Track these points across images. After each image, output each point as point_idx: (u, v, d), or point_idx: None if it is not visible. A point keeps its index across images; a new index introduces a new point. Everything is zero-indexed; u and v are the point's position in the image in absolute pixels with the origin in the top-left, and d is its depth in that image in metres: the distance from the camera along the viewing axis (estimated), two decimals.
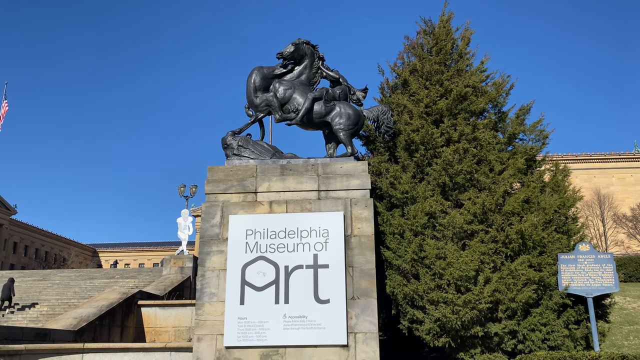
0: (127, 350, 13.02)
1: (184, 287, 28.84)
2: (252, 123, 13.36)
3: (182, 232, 34.47)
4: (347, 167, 12.22)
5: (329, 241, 11.45)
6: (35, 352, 12.71)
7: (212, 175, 12.40)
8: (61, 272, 37.50)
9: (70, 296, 27.62)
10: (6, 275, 35.25)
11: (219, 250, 11.68)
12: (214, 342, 11.03)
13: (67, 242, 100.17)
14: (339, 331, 10.82)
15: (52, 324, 17.95)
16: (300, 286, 11.20)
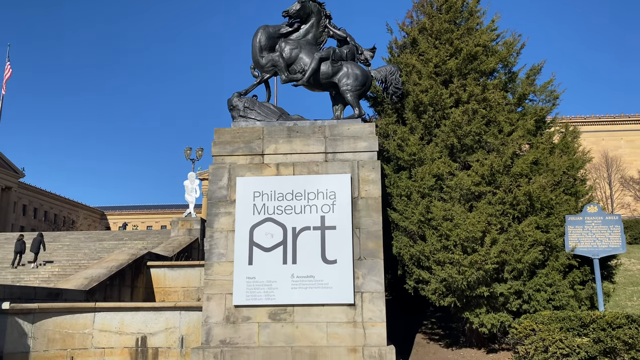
0: (137, 309, 13.29)
1: (192, 249, 29.21)
2: (258, 84, 13.19)
3: (189, 195, 34.64)
4: (355, 129, 12.11)
5: (336, 203, 11.47)
6: (48, 311, 13.00)
7: (218, 137, 12.34)
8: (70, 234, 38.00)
9: (80, 257, 28.08)
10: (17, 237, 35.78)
11: (227, 212, 11.74)
12: (223, 301, 11.22)
13: (76, 204, 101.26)
14: (345, 291, 10.97)
15: (63, 284, 18.30)
16: (307, 247, 11.30)
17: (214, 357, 10.73)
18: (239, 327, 11.06)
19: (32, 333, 12.70)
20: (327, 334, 10.87)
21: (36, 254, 25.37)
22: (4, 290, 13.79)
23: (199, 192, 35.25)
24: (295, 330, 10.94)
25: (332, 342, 10.80)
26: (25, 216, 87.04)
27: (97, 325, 12.98)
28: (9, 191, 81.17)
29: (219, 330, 11.09)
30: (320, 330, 10.90)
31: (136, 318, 13.01)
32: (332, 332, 10.87)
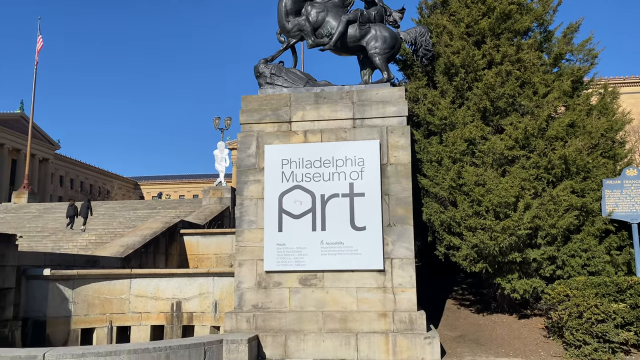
0: (172, 275, 13.64)
1: (223, 217, 29.67)
2: (284, 49, 12.99)
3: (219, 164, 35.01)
4: (383, 94, 11.86)
5: (365, 170, 11.36)
6: (87, 277, 13.46)
7: (246, 105, 12.28)
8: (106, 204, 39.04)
9: (115, 226, 28.87)
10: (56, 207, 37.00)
11: (256, 180, 11.78)
12: (254, 267, 11.38)
13: (110, 175, 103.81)
14: (375, 257, 10.97)
15: (100, 251, 18.88)
16: (336, 214, 11.28)
17: (247, 321, 10.96)
18: (271, 292, 11.23)
19: (73, 298, 13.19)
20: (357, 299, 10.94)
21: (85, 217, 26.82)
22: (44, 258, 14.31)
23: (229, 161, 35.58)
24: (326, 296, 11.05)
25: (362, 307, 10.88)
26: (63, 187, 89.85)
27: (133, 291, 13.39)
28: (46, 163, 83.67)
29: (251, 295, 11.29)
30: (350, 295, 10.98)
31: (171, 284, 13.36)
32: (362, 298, 10.94)
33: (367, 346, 10.42)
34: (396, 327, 10.62)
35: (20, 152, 74.40)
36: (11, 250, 12.79)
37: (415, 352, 10.30)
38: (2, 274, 12.42)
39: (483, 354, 10.77)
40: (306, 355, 10.50)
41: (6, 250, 12.62)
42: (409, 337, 10.40)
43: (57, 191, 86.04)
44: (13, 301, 12.72)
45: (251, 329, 10.87)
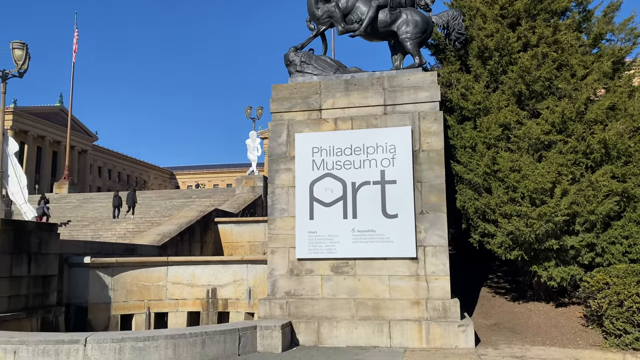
0: (207, 262, 13.90)
1: (256, 205, 30.00)
2: (314, 37, 12.92)
3: (252, 154, 35.34)
4: (415, 79, 11.68)
5: (396, 157, 11.25)
6: (125, 265, 13.86)
7: (276, 94, 12.30)
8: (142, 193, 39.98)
9: (152, 215, 29.55)
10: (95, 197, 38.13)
11: (287, 168, 11.83)
12: (286, 254, 11.48)
13: (146, 165, 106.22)
14: (407, 244, 10.89)
15: (138, 239, 19.37)
16: (367, 202, 11.24)
17: (280, 308, 11.09)
18: (303, 280, 11.31)
19: (112, 285, 13.62)
20: (389, 287, 10.91)
21: (130, 206, 27.98)
22: (84, 246, 14.79)
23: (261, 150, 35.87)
24: (358, 283, 11.06)
25: (395, 294, 10.85)
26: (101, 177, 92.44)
27: (170, 278, 13.72)
28: (85, 154, 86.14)
29: (283, 282, 11.40)
30: (383, 283, 10.96)
31: (206, 271, 13.63)
32: (394, 285, 10.90)
33: (400, 333, 10.41)
34: (429, 315, 10.56)
35: (61, 144, 76.84)
36: (53, 239, 13.26)
37: (449, 339, 10.23)
38: (45, 261, 12.91)
39: (519, 342, 10.61)
40: (339, 342, 10.56)
41: (49, 239, 13.10)
42: (443, 325, 10.32)
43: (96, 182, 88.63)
44: (56, 288, 13.22)
45: (284, 316, 11.00)
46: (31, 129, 73.48)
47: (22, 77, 14.00)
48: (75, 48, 49.18)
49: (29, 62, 14.01)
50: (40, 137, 75.70)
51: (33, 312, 12.24)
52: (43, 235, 12.92)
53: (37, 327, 12.19)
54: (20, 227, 12.42)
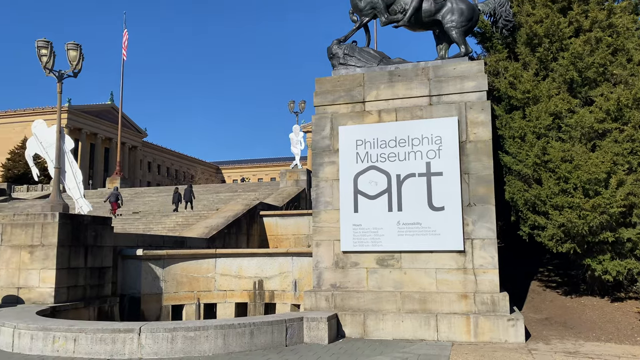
0: (254, 255, 14.15)
1: (300, 199, 30.23)
2: (357, 29, 12.85)
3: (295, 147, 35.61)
4: (461, 69, 11.44)
5: (442, 148, 11.07)
6: (175, 257, 14.28)
7: (319, 87, 12.33)
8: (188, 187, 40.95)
9: (200, 208, 30.28)
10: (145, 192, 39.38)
11: (331, 161, 11.85)
12: (331, 247, 11.52)
13: (193, 160, 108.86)
14: (454, 237, 10.73)
15: (187, 232, 19.91)
16: (413, 194, 11.12)
17: (326, 300, 11.16)
18: (348, 272, 11.33)
19: (163, 276, 14.07)
20: (436, 280, 10.79)
21: (188, 201, 28.97)
22: (137, 239, 15.33)
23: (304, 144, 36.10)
24: (404, 276, 10.99)
25: (442, 288, 10.72)
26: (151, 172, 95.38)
27: (218, 269, 14.05)
28: (135, 150, 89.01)
29: (329, 274, 11.46)
30: (429, 276, 10.84)
31: (252, 263, 13.88)
32: (441, 279, 10.77)
33: (448, 327, 10.29)
34: (477, 308, 10.38)
35: (112, 141, 79.69)
36: (108, 232, 13.82)
37: (498, 334, 10.03)
38: (100, 254, 13.47)
39: (572, 338, 10.28)
40: (385, 334, 10.54)
41: (104, 232, 13.66)
42: (491, 318, 10.13)
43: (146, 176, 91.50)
44: (111, 279, 13.79)
45: (330, 308, 11.07)
46: (84, 126, 76.56)
47: (76, 77, 14.57)
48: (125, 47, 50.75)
49: (82, 62, 14.56)
50: (93, 134, 78.77)
51: (90, 302, 12.82)
52: (98, 228, 13.48)
53: (94, 316, 12.76)
54: (77, 221, 13.00)
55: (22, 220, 12.60)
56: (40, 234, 12.33)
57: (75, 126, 73.44)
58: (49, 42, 14.08)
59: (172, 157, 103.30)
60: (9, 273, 12.47)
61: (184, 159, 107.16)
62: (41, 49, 14.01)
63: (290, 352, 9.22)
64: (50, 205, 13.41)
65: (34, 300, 12.12)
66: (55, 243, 12.20)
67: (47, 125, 15.85)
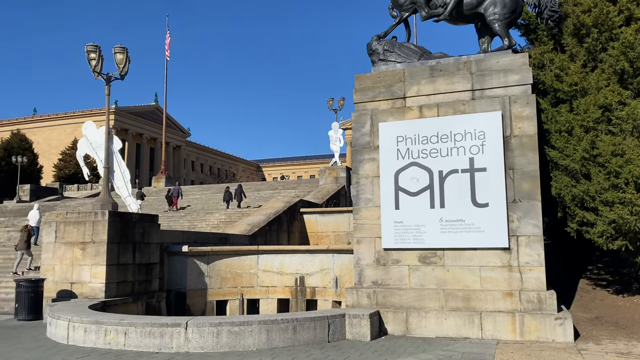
0: (295, 252, 14.29)
1: (339, 196, 30.29)
2: (396, 24, 12.74)
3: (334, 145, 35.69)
4: (505, 62, 11.18)
5: (486, 143, 10.86)
6: (219, 253, 14.59)
7: (359, 84, 12.30)
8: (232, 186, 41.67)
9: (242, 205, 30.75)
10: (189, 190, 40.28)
11: (371, 158, 11.81)
12: (372, 244, 11.50)
13: (235, 159, 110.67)
14: (499, 234, 10.51)
15: (230, 229, 20.29)
16: (455, 190, 10.96)
17: (367, 297, 11.15)
18: (390, 269, 11.28)
19: (208, 272, 14.40)
20: (480, 277, 10.61)
21: (239, 200, 29.92)
22: (182, 236, 15.74)
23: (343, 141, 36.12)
24: (447, 274, 10.85)
25: (486, 286, 10.53)
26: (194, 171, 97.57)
27: (260, 266, 14.27)
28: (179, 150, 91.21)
29: (370, 271, 11.44)
30: (473, 274, 10.67)
31: (293, 260, 14.02)
32: (485, 276, 10.57)
33: (492, 325, 10.10)
34: (523, 306, 10.14)
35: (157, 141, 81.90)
36: (155, 229, 14.25)
37: (545, 333, 9.78)
38: (148, 250, 13.91)
39: (624, 338, 9.90)
40: (428, 332, 10.45)
41: (151, 229, 14.09)
42: (538, 317, 9.88)
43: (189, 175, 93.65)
44: (158, 275, 14.22)
45: (372, 305, 11.05)
46: (131, 127, 78.99)
47: (123, 79, 15.07)
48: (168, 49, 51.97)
49: (128, 64, 15.05)
50: (138, 134, 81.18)
51: (138, 297, 13.26)
52: (145, 225, 13.92)
53: (142, 310, 13.20)
54: (125, 218, 13.47)
55: (74, 218, 13.15)
56: (91, 231, 12.84)
57: (122, 127, 75.86)
58: (97, 46, 14.62)
59: (214, 155, 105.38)
60: (62, 269, 13.05)
61: (226, 157, 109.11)
62: (90, 53, 14.56)
63: (332, 348, 9.27)
64: (100, 204, 13.95)
65: (86, 295, 12.64)
66: (105, 240, 12.68)
67: (96, 127, 16.46)
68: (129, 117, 78.38)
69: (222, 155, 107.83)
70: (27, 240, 18.17)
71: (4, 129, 77.03)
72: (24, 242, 18.01)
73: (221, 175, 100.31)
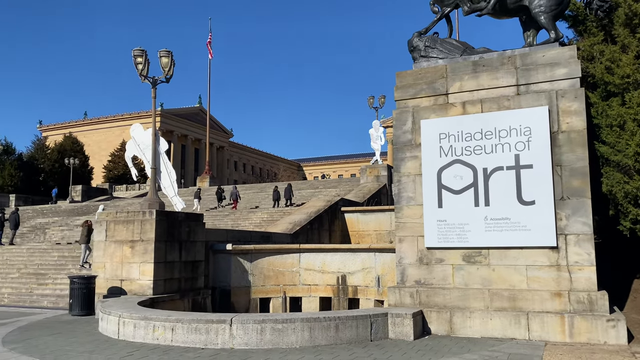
0: (336, 250, 14.32)
1: (380, 194, 30.11)
2: (438, 20, 12.55)
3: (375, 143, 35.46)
4: (551, 55, 10.84)
5: (532, 140, 10.57)
6: (262, 251, 14.79)
7: (400, 81, 12.20)
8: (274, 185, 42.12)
9: (283, 204, 31.05)
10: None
11: (413, 156, 11.70)
12: (415, 243, 11.39)
13: (276, 158, 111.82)
14: (546, 233, 10.21)
15: (272, 228, 20.53)
16: (500, 188, 10.72)
17: (410, 296, 11.06)
18: (433, 269, 11.15)
19: (251, 270, 14.62)
20: (526, 277, 10.34)
21: (288, 199, 30.95)
22: (226, 234, 16.04)
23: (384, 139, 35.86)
24: (492, 273, 10.63)
25: (533, 285, 10.25)
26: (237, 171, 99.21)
27: (302, 264, 14.37)
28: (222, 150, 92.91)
29: (413, 271, 11.34)
30: (519, 273, 10.40)
31: (335, 258, 14.05)
32: (532, 276, 10.30)
33: (540, 326, 9.82)
34: (573, 307, 9.82)
35: (201, 142, 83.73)
36: (200, 228, 14.58)
37: (597, 335, 9.43)
38: (194, 248, 14.25)
39: None
40: (473, 332, 10.27)
41: (196, 227, 14.43)
42: (589, 318, 9.54)
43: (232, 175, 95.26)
44: (203, 272, 14.54)
45: (415, 304, 10.95)
46: (176, 128, 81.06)
47: (168, 82, 15.48)
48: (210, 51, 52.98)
49: (173, 68, 15.43)
50: (183, 135, 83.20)
51: (185, 294, 13.61)
52: (191, 224, 14.26)
53: (188, 307, 13.54)
54: (172, 217, 13.84)
55: (123, 218, 13.62)
56: (140, 230, 13.26)
57: (168, 129, 77.92)
58: (144, 50, 15.07)
59: (256, 155, 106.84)
60: (113, 266, 13.54)
61: (267, 157, 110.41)
62: (137, 58, 15.02)
63: (375, 347, 9.24)
64: (147, 203, 14.38)
65: (135, 292, 13.07)
66: (153, 238, 13.07)
67: (143, 129, 16.98)
68: (174, 119, 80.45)
69: (263, 155, 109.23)
70: (87, 235, 19.16)
71: (57, 132, 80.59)
72: (85, 236, 19.10)
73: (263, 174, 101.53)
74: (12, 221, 25.39)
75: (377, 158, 35.28)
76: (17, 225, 25.75)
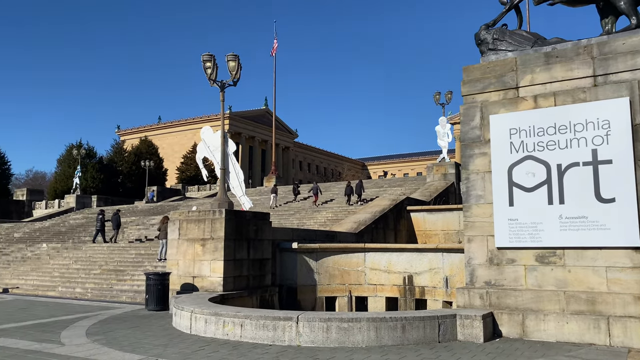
0: (402, 250, 14.15)
1: (448, 193, 29.40)
2: (507, 11, 12.08)
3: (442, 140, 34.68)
4: (632, 42, 10.13)
5: (611, 133, 9.93)
6: (327, 250, 14.88)
7: (467, 76, 11.85)
8: (338, 184, 42.29)
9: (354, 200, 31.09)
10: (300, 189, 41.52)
11: (482, 153, 11.33)
12: (484, 243, 11.03)
13: (340, 158, 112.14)
14: (629, 232, 9.56)
15: (336, 227, 20.59)
16: (576, 185, 10.15)
17: (480, 298, 10.72)
18: (504, 269, 10.75)
19: (316, 269, 14.75)
20: (606, 279, 9.72)
21: (359, 194, 31.76)
22: (292, 233, 16.28)
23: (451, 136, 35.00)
24: (568, 275, 10.09)
25: (613, 288, 9.62)
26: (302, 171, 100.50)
27: (367, 264, 14.32)
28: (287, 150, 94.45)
29: (482, 271, 10.98)
30: (598, 275, 9.81)
31: (401, 258, 13.88)
32: (612, 278, 9.67)
33: (622, 331, 9.21)
34: None
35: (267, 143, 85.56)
36: (267, 227, 14.89)
37: None
38: (261, 246, 14.57)
39: None
40: (547, 336, 9.80)
41: (263, 226, 14.74)
42: None
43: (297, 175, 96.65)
44: (270, 270, 14.84)
45: (485, 306, 10.61)
46: (243, 130, 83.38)
47: (236, 85, 15.94)
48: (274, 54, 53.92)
49: (240, 71, 15.87)
50: (250, 137, 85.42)
51: (253, 291, 13.95)
52: (259, 223, 14.60)
53: (256, 304, 13.86)
54: (240, 216, 14.23)
55: (194, 217, 14.16)
56: (210, 229, 13.73)
57: (236, 131, 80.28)
58: (212, 55, 15.60)
59: (320, 155, 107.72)
60: (185, 263, 14.11)
61: (332, 157, 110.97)
62: (206, 62, 15.58)
63: (443, 348, 9.04)
64: (217, 203, 14.88)
65: (206, 288, 13.55)
66: (223, 237, 13.50)
67: (212, 131, 17.59)
68: (242, 122, 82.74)
69: (327, 155, 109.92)
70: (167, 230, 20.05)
71: (133, 136, 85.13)
72: (164, 232, 19.91)
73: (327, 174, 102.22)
74: (114, 222, 27.79)
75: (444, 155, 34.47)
76: (119, 225, 27.97)
